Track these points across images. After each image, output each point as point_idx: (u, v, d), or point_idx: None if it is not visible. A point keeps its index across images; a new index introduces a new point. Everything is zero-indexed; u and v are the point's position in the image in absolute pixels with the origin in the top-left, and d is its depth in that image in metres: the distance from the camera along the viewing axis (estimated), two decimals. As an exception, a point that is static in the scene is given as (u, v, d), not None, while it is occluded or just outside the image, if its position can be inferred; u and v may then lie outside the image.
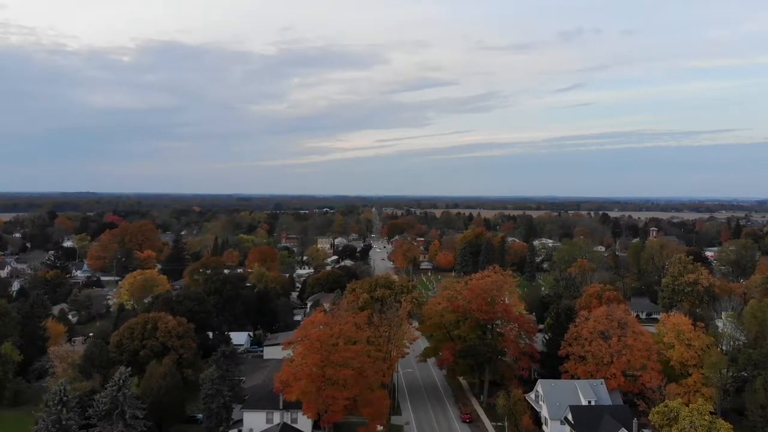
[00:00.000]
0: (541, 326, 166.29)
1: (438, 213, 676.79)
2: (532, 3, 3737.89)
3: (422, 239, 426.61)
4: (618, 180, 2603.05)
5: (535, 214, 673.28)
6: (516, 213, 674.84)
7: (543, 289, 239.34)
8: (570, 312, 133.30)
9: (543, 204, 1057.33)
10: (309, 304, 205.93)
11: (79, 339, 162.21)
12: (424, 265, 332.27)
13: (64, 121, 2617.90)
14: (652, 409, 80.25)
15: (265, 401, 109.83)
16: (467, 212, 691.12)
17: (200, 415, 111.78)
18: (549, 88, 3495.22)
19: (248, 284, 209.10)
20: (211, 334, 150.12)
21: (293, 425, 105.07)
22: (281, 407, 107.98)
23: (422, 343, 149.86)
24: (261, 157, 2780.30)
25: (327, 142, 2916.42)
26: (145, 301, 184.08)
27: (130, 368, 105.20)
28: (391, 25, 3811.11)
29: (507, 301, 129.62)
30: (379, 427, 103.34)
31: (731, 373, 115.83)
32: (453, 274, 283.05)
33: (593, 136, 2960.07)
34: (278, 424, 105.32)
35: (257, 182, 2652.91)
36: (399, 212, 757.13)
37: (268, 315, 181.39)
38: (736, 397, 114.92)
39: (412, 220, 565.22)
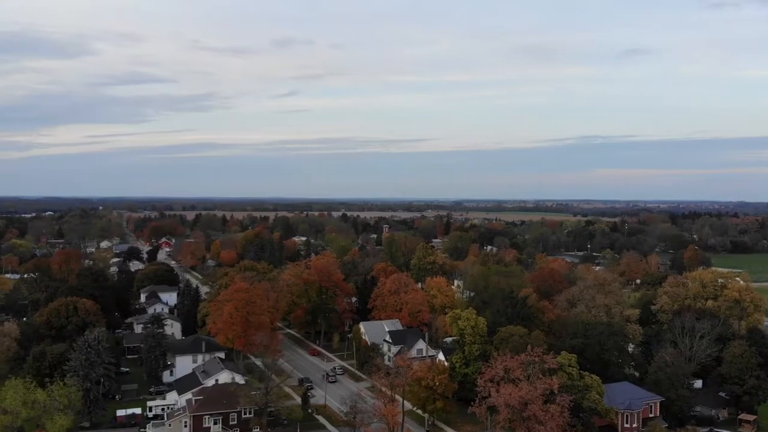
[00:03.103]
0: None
1: (189, 215, 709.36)
2: (243, 8, 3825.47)
3: (191, 240, 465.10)
4: (342, 182, 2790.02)
5: (275, 214, 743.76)
6: (265, 214, 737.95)
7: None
8: (373, 280, 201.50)
9: (279, 205, 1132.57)
10: (144, 296, 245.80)
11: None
12: (209, 263, 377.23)
13: None
14: (448, 314, 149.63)
15: (191, 348, 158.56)
16: (215, 214, 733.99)
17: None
18: (268, 93, 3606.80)
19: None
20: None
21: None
22: (204, 351, 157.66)
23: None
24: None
25: (26, 137, 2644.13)
26: None
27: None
28: (95, 13, 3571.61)
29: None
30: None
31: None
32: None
33: (312, 141, 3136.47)
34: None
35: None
36: (154, 215, 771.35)
37: None
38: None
39: (172, 222, 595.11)
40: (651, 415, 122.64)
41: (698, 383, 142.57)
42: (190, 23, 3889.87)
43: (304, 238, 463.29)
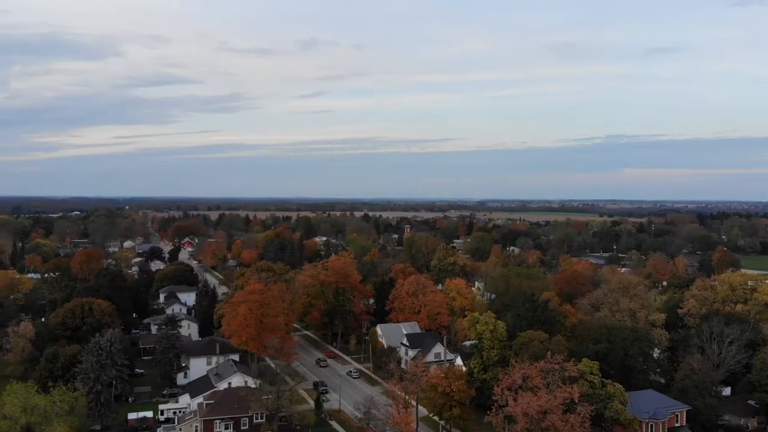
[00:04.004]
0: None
1: (213, 215, 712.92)
2: (268, 9, 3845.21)
3: (213, 240, 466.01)
4: (365, 182, 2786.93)
5: (298, 214, 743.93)
6: (288, 214, 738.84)
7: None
8: (391, 281, 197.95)
9: (302, 205, 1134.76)
10: (163, 296, 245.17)
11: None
12: (230, 263, 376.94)
13: None
14: (467, 317, 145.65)
15: (205, 349, 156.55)
16: (239, 213, 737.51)
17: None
18: (292, 93, 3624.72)
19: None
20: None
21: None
22: (218, 353, 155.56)
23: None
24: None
25: (55, 138, 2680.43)
26: None
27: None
28: (123, 15, 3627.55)
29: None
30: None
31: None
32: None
33: (336, 141, 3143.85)
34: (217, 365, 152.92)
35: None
36: (177, 215, 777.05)
37: None
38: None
39: (195, 222, 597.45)
40: (677, 425, 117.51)
41: (726, 391, 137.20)
42: (215, 25, 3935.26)
43: (324, 239, 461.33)
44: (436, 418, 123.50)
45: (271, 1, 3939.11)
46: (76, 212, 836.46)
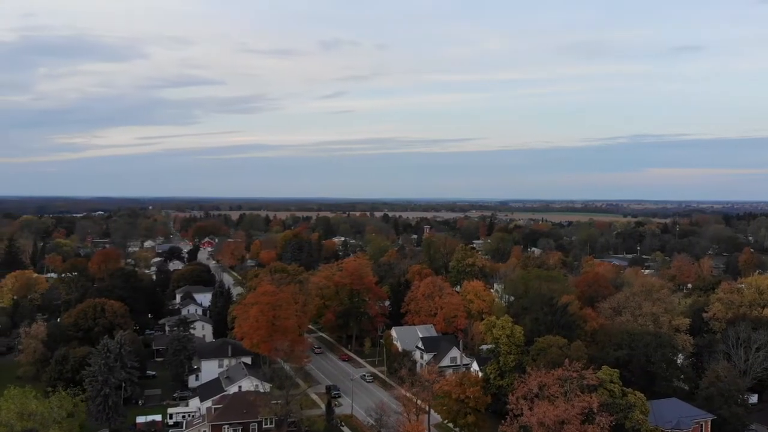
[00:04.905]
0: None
1: (234, 215, 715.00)
2: (290, 10, 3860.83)
3: (232, 240, 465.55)
4: (386, 182, 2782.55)
5: (318, 214, 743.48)
6: (308, 214, 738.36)
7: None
8: (407, 283, 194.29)
9: (323, 205, 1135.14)
10: (179, 296, 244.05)
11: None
12: (248, 263, 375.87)
13: None
14: (483, 321, 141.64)
15: (217, 352, 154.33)
16: (259, 213, 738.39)
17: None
18: (314, 94, 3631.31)
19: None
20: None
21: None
22: (230, 355, 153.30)
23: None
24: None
25: (81, 138, 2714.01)
26: None
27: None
28: (145, 17, 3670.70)
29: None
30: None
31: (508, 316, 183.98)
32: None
33: (357, 141, 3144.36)
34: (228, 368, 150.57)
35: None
36: (199, 215, 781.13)
37: None
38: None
39: (216, 222, 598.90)
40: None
41: (753, 399, 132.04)
42: (238, 26, 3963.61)
43: (343, 239, 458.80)
44: (450, 425, 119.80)
45: (292, 2, 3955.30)
46: (100, 212, 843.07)
